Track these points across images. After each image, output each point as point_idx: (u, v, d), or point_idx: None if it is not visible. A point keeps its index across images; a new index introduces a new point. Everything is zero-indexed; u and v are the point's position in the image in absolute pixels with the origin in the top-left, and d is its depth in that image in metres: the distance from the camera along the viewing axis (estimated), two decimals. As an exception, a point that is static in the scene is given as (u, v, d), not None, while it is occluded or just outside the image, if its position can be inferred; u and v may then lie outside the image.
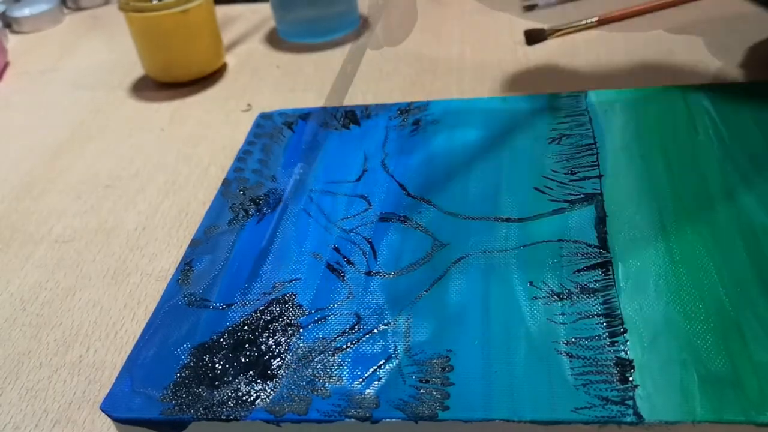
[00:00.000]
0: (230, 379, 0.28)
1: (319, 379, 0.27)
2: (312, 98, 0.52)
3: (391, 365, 0.27)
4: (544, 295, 0.29)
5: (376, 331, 0.29)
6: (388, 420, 0.26)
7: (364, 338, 0.29)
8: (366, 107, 0.44)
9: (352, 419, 0.26)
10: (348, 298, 0.31)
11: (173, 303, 0.32)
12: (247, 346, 0.29)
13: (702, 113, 0.38)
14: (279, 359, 0.28)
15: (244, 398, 0.27)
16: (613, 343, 0.27)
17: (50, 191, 0.47)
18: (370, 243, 0.33)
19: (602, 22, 0.55)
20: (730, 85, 0.40)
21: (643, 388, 0.25)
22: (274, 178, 0.39)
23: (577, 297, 0.29)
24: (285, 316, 0.30)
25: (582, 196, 0.34)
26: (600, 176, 0.35)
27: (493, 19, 0.60)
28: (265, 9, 0.68)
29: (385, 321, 0.29)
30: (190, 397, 0.27)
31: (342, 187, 0.38)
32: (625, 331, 0.27)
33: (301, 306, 0.31)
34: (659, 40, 0.52)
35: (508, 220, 0.33)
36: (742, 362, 0.25)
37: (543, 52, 0.54)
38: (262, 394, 0.27)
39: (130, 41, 0.57)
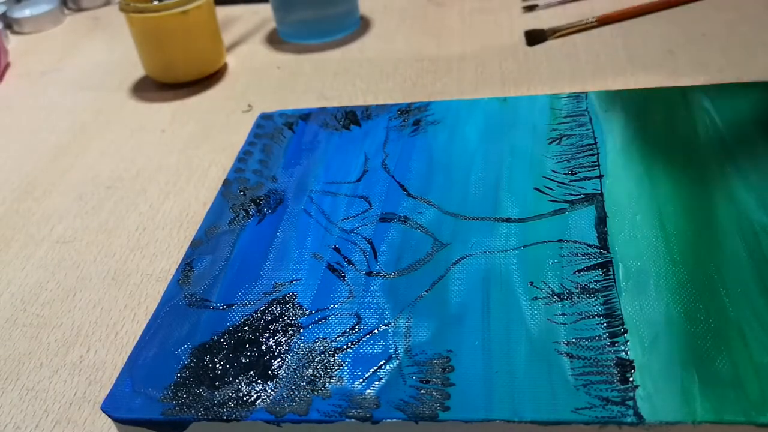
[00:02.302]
0: (231, 379, 0.28)
1: (320, 380, 0.27)
2: (312, 99, 0.52)
3: (391, 366, 0.27)
4: (544, 295, 0.29)
5: (376, 331, 0.29)
6: (388, 420, 0.26)
7: (364, 338, 0.29)
8: (366, 108, 0.44)
9: (353, 419, 0.26)
10: (348, 298, 0.31)
11: (174, 303, 0.32)
12: (247, 346, 0.29)
13: (702, 113, 0.38)
14: (279, 359, 0.28)
15: (244, 398, 0.27)
16: (613, 344, 0.27)
17: (51, 192, 0.47)
18: (370, 243, 0.33)
19: (602, 22, 0.55)
20: (730, 85, 0.40)
21: (644, 389, 0.25)
22: (275, 178, 0.39)
23: (578, 297, 0.29)
24: (285, 316, 0.30)
25: (582, 196, 0.34)
26: (600, 176, 0.35)
27: (493, 19, 0.60)
28: (266, 10, 0.68)
29: (386, 321, 0.29)
30: (190, 398, 0.27)
31: (342, 188, 0.38)
32: (626, 331, 0.27)
33: (301, 306, 0.31)
34: (659, 40, 0.52)
35: (508, 220, 0.33)
36: (742, 363, 0.25)
37: (543, 52, 0.54)
38: (262, 394, 0.27)
39: (131, 42, 0.57)
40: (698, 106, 0.39)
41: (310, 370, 0.28)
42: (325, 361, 0.28)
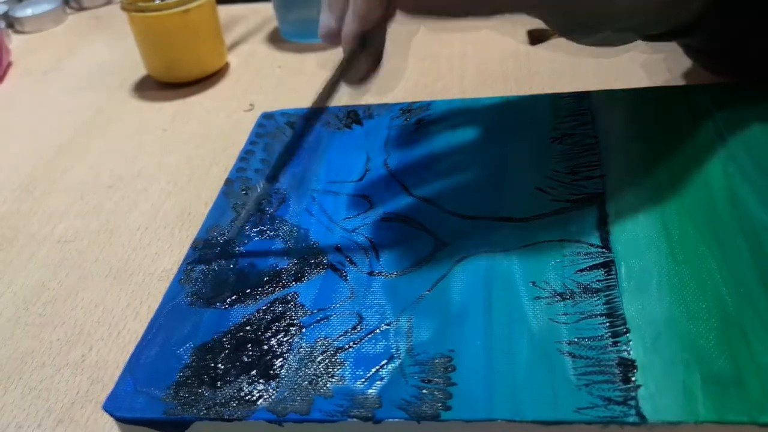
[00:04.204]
0: (232, 378, 0.28)
1: (322, 379, 0.27)
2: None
3: (393, 365, 0.27)
4: (546, 295, 0.29)
5: (378, 330, 0.29)
6: (390, 420, 0.26)
7: (366, 338, 0.29)
8: (368, 107, 0.44)
9: (355, 419, 0.26)
10: (350, 297, 0.31)
11: (176, 303, 0.32)
12: (249, 345, 0.29)
13: (704, 113, 0.38)
14: (281, 359, 0.28)
15: (246, 398, 0.27)
16: (615, 343, 0.27)
17: (53, 191, 0.47)
18: (372, 243, 0.33)
19: (604, 22, 0.55)
20: (732, 85, 0.40)
21: (646, 389, 0.25)
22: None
23: (580, 297, 0.29)
24: (287, 315, 0.30)
25: (584, 195, 0.34)
26: (602, 176, 0.35)
27: (495, 18, 0.60)
28: (267, 9, 0.68)
29: (387, 321, 0.29)
30: (192, 397, 0.28)
31: (344, 187, 0.37)
32: (628, 331, 0.27)
33: (303, 306, 0.31)
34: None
35: (510, 219, 0.33)
36: (744, 362, 0.25)
37: (546, 52, 0.54)
38: (264, 393, 0.27)
39: (133, 41, 0.57)
40: (700, 105, 0.39)
41: (312, 370, 0.28)
42: (326, 360, 0.28)
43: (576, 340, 0.27)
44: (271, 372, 0.28)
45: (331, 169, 0.39)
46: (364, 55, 0.31)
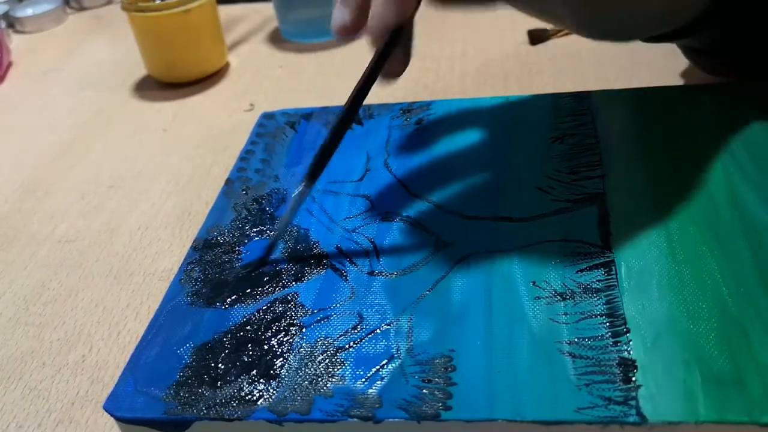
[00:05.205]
0: (233, 378, 0.28)
1: (322, 379, 0.27)
2: (314, 98, 0.53)
3: (393, 365, 0.27)
4: (546, 295, 0.29)
5: (378, 330, 0.29)
6: (390, 420, 0.26)
7: (366, 338, 0.29)
8: (368, 107, 0.44)
9: (355, 419, 0.26)
10: (350, 297, 0.31)
11: (176, 303, 0.32)
12: (249, 345, 0.29)
13: (704, 113, 0.38)
14: (281, 359, 0.28)
15: (246, 398, 0.27)
16: (616, 343, 0.27)
17: (53, 191, 0.48)
18: (372, 243, 0.33)
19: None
20: (732, 85, 0.40)
21: (646, 388, 0.25)
22: (277, 177, 0.39)
23: (580, 297, 0.29)
24: (287, 315, 0.30)
25: (584, 195, 0.34)
26: (602, 176, 0.35)
27: (496, 18, 0.60)
28: (268, 9, 0.68)
29: (388, 321, 0.29)
30: (192, 397, 0.28)
31: (344, 187, 0.38)
32: (628, 331, 0.27)
33: (303, 306, 0.31)
34: (662, 39, 0.52)
35: (510, 219, 0.33)
36: (745, 362, 0.25)
37: (546, 52, 0.54)
38: (264, 393, 0.27)
39: (133, 41, 0.58)
40: (700, 105, 0.39)
41: (312, 370, 0.28)
42: (327, 360, 0.28)
43: (576, 340, 0.27)
44: (272, 372, 0.28)
45: (331, 169, 0.39)
46: (397, 49, 0.31)
